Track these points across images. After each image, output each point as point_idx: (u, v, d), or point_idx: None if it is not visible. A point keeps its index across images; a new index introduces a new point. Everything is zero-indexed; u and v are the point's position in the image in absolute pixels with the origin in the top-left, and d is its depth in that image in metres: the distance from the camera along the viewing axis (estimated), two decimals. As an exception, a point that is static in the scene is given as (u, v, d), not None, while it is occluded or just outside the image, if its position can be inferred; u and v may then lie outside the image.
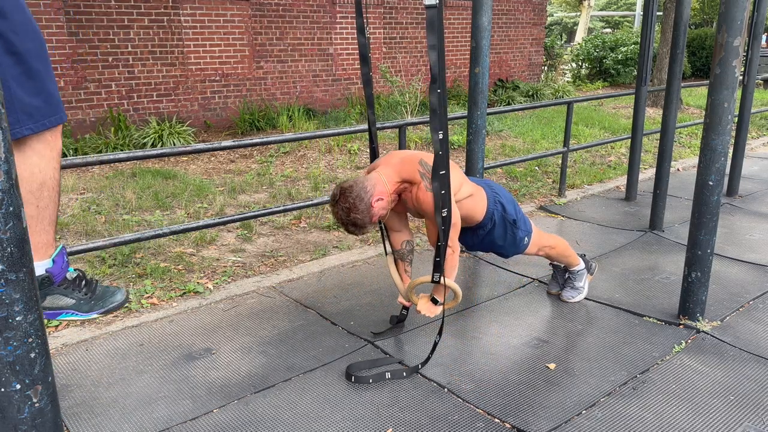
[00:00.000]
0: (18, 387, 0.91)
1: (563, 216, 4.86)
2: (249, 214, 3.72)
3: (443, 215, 2.34)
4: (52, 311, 1.91)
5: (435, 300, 2.70)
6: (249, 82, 8.95)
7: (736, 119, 5.29)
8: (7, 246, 0.87)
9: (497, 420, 2.29)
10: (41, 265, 1.78)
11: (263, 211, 3.75)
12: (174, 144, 7.04)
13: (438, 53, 2.09)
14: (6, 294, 0.88)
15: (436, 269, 2.53)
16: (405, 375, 2.56)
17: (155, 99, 8.13)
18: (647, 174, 6.22)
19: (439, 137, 2.21)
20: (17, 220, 0.88)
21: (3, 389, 0.90)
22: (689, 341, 2.86)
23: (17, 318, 0.90)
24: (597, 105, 10.65)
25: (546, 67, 14.79)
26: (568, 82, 14.84)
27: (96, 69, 7.58)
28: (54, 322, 3.03)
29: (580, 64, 16.01)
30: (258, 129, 8.53)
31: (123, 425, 2.26)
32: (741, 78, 4.68)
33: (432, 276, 2.55)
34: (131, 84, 7.89)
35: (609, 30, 33.28)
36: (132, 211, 4.85)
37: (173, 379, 2.57)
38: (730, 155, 4.96)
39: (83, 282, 1.91)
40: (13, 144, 1.60)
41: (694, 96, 11.85)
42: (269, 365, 2.68)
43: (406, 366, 2.66)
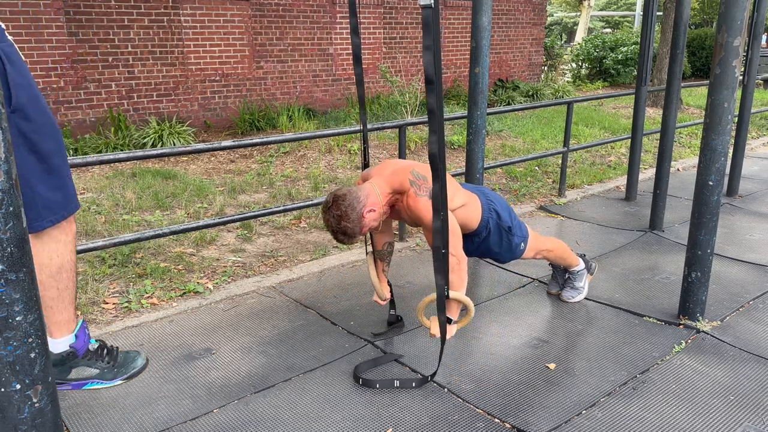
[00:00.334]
0: (18, 387, 0.91)
1: (563, 216, 4.86)
2: (249, 214, 3.72)
3: (441, 218, 2.27)
4: (77, 382, 1.98)
5: (447, 318, 2.53)
6: (249, 82, 8.96)
7: (736, 119, 5.29)
8: (7, 246, 0.87)
9: (497, 420, 2.29)
10: (65, 341, 1.86)
11: (263, 211, 3.75)
12: (174, 144, 7.04)
13: (434, 54, 2.06)
14: (6, 294, 0.88)
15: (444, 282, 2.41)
16: (414, 385, 2.49)
17: (155, 99, 8.14)
18: (647, 174, 6.22)
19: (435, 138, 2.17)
20: (17, 220, 0.88)
21: (3, 389, 0.90)
22: (689, 341, 2.86)
23: (17, 318, 0.90)
24: (597, 105, 10.65)
25: (546, 67, 14.80)
26: (568, 82, 14.84)
27: (96, 69, 7.58)
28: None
29: (580, 64, 16.01)
30: (258, 129, 8.53)
31: (123, 425, 2.26)
32: (741, 78, 4.68)
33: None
34: (131, 84, 7.90)
35: (609, 30, 33.29)
36: (132, 211, 4.85)
37: (173, 379, 2.57)
38: (730, 155, 4.96)
39: (105, 351, 2.01)
40: (32, 233, 1.68)
41: (694, 96, 11.85)
42: (269, 365, 2.68)
43: (407, 366, 2.66)
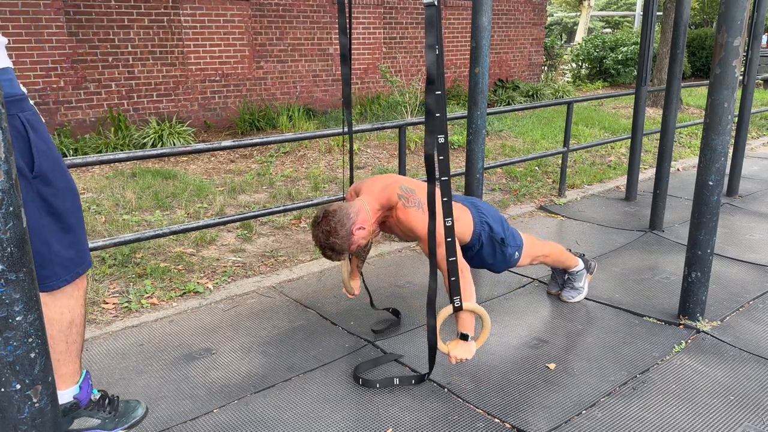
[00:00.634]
0: (18, 387, 0.91)
1: (563, 216, 4.86)
2: (249, 214, 3.72)
3: (447, 225, 2.21)
4: None
5: (464, 336, 2.41)
6: (249, 82, 8.95)
7: (736, 119, 5.29)
8: (7, 246, 0.87)
9: (497, 420, 2.29)
10: (69, 392, 1.90)
11: (263, 211, 3.75)
12: (174, 144, 7.04)
13: (437, 53, 2.04)
14: (6, 294, 0.88)
15: (452, 293, 2.32)
16: (414, 382, 2.50)
17: (155, 99, 8.13)
18: (647, 174, 6.22)
19: (440, 141, 2.12)
20: (17, 220, 0.88)
21: (3, 389, 0.90)
22: (689, 341, 2.86)
23: (17, 318, 0.90)
24: (597, 105, 10.65)
25: (546, 67, 14.79)
26: (568, 82, 14.84)
27: (96, 69, 7.58)
28: None
29: (580, 64, 16.01)
30: (258, 129, 8.53)
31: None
32: (741, 78, 4.68)
33: (452, 302, 2.34)
34: (131, 84, 7.89)
35: (609, 30, 33.29)
36: (132, 211, 4.85)
37: (173, 379, 2.57)
38: (730, 155, 4.96)
39: (107, 401, 2.05)
40: (46, 292, 1.74)
41: (694, 96, 11.85)
42: (269, 365, 2.68)
43: (407, 366, 2.66)
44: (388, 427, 2.25)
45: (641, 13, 7.67)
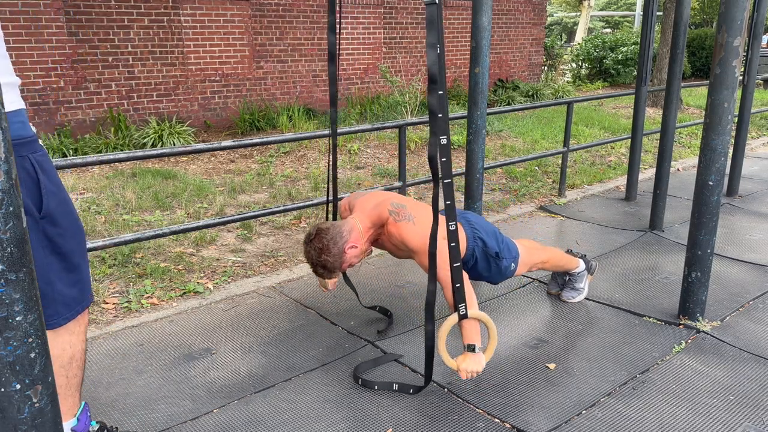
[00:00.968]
0: (18, 387, 0.91)
1: (563, 216, 4.86)
2: (249, 214, 3.72)
3: (451, 228, 2.17)
4: None
5: (471, 347, 2.34)
6: (249, 82, 8.95)
7: (736, 119, 5.29)
8: (7, 246, 0.87)
9: (497, 420, 2.29)
10: (67, 425, 1.95)
11: (263, 211, 3.75)
12: (174, 144, 7.04)
13: (439, 52, 2.02)
14: (6, 294, 0.88)
15: (457, 300, 2.26)
16: (412, 392, 2.46)
17: (155, 99, 8.13)
18: (647, 174, 6.22)
19: (442, 142, 2.08)
20: (17, 220, 0.88)
21: (3, 389, 0.90)
22: (689, 341, 2.86)
23: (17, 318, 0.90)
24: (597, 105, 10.65)
25: (546, 67, 14.79)
26: (568, 82, 14.84)
27: (96, 69, 7.58)
28: None
29: (580, 64, 16.01)
30: (258, 129, 8.53)
31: (123, 425, 2.26)
32: (741, 78, 4.68)
33: (457, 311, 2.28)
34: (131, 84, 7.89)
35: (609, 30, 33.29)
36: (132, 211, 4.85)
37: (173, 379, 2.57)
38: (730, 155, 4.96)
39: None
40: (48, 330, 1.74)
41: (694, 96, 11.85)
42: (269, 365, 2.68)
43: (407, 366, 2.66)
44: (388, 427, 2.25)
45: (641, 13, 7.67)
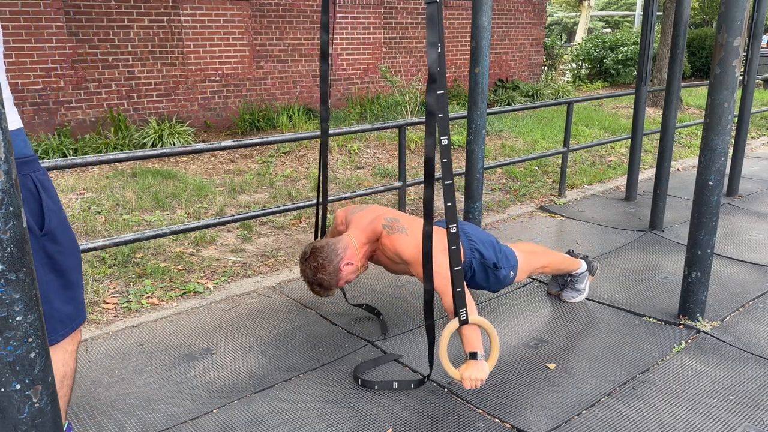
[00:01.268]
0: (18, 387, 0.91)
1: (563, 216, 4.86)
2: (249, 214, 3.72)
3: (452, 231, 2.15)
4: None
5: (473, 355, 2.29)
6: (249, 82, 8.95)
7: (736, 119, 5.29)
8: (7, 246, 0.87)
9: (497, 420, 2.29)
10: None
11: (263, 211, 3.75)
12: (174, 144, 7.04)
13: (439, 51, 2.02)
14: (6, 294, 0.88)
15: (457, 305, 2.22)
16: (412, 387, 2.48)
17: (155, 99, 8.13)
18: (647, 174, 6.22)
19: (443, 143, 2.07)
20: (17, 220, 0.88)
21: (3, 389, 0.90)
22: (689, 341, 2.86)
23: (17, 318, 0.90)
24: (597, 105, 10.65)
25: (546, 67, 14.79)
26: (568, 82, 14.83)
27: (96, 69, 7.58)
28: None
29: (580, 64, 16.01)
30: (258, 129, 8.53)
31: (123, 425, 2.26)
32: (741, 78, 4.68)
33: (458, 316, 2.25)
34: (131, 84, 7.89)
35: (609, 30, 33.29)
36: (132, 211, 4.85)
37: (173, 379, 2.57)
38: (730, 155, 4.96)
39: None
40: None
41: (694, 96, 11.85)
42: (269, 365, 2.68)
43: (407, 366, 2.66)
44: (388, 427, 2.25)
45: (641, 13, 7.67)
